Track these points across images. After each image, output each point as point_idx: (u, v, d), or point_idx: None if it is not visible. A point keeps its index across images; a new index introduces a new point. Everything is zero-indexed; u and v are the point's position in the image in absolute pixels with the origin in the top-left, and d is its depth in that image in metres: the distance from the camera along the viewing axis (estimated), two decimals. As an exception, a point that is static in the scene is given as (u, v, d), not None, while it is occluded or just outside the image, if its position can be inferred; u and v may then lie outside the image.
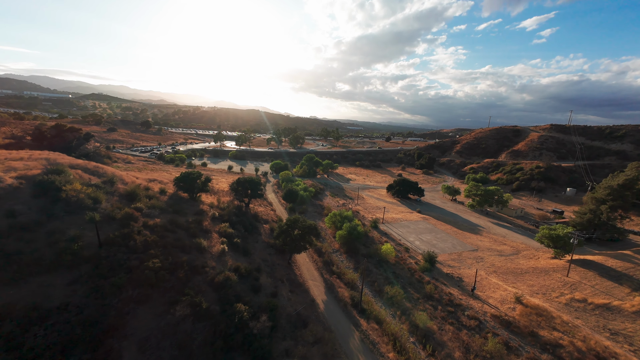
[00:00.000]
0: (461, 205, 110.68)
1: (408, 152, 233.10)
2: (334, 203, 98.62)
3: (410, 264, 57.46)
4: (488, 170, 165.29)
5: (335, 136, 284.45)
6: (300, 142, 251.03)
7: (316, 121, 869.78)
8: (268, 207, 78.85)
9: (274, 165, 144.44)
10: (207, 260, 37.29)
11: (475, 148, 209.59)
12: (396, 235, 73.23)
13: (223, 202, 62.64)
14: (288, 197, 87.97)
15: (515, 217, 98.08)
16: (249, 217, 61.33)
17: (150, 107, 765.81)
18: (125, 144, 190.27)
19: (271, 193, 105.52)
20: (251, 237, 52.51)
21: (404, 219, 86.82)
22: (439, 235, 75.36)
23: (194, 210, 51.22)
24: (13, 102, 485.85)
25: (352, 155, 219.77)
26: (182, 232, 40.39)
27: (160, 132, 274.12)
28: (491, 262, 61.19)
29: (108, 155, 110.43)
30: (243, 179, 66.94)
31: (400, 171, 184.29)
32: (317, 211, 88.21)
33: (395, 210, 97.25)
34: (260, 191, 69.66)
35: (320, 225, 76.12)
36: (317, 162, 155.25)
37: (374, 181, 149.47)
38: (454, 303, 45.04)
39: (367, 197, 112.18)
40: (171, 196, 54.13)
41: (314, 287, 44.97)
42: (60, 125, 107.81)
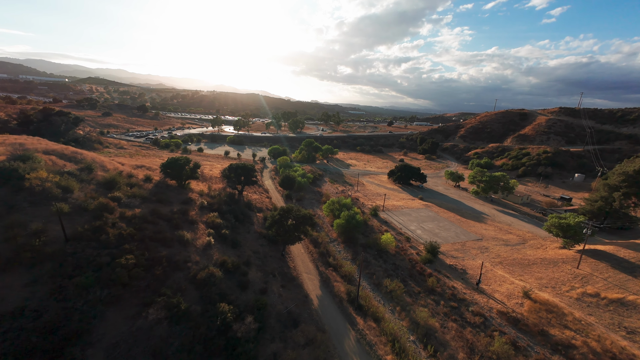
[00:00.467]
0: (465, 192, 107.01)
1: (410, 137, 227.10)
2: (332, 190, 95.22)
3: (411, 255, 54.56)
4: (493, 155, 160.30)
5: (335, 120, 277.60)
6: (300, 127, 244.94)
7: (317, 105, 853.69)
8: (263, 195, 75.59)
9: (272, 150, 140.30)
10: (191, 254, 34.26)
11: (480, 132, 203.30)
12: (397, 223, 70.13)
13: (214, 190, 59.28)
14: (285, 184, 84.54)
15: (521, 204, 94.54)
16: (242, 205, 58.10)
17: (148, 91, 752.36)
18: (120, 128, 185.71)
19: (268, 179, 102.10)
20: (242, 227, 49.44)
21: (405, 206, 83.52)
22: (441, 223, 72.19)
23: (181, 199, 47.90)
24: (8, 86, 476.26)
25: (353, 140, 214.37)
26: (164, 223, 37.20)
27: (157, 116, 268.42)
28: (497, 252, 58.19)
29: (99, 140, 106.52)
30: (235, 165, 63.23)
31: (402, 156, 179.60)
32: (315, 198, 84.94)
33: (397, 197, 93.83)
34: (254, 178, 66.13)
35: (317, 213, 73.07)
36: (317, 148, 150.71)
37: (375, 167, 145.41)
38: (457, 297, 42.31)
39: (368, 184, 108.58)
40: (157, 184, 50.72)
41: (308, 281, 42.23)
42: (47, 109, 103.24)
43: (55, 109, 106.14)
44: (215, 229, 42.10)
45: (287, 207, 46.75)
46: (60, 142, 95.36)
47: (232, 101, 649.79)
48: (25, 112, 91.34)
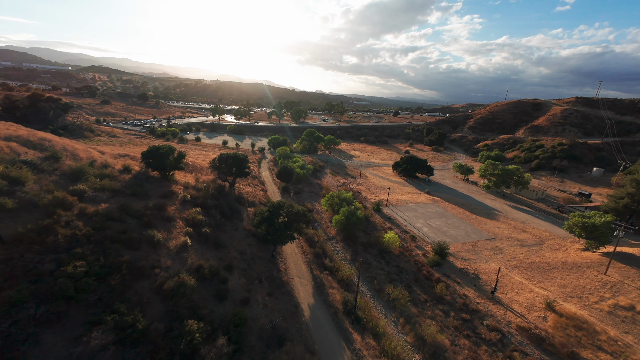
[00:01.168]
0: (474, 186, 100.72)
1: (417, 128, 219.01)
2: (333, 182, 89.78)
3: (417, 256, 49.32)
4: (504, 147, 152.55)
5: (339, 110, 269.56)
6: (302, 117, 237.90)
7: (322, 95, 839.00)
8: (258, 187, 70.51)
9: (271, 140, 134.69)
10: (161, 258, 29.41)
11: (490, 123, 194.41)
12: (401, 220, 64.72)
13: (203, 182, 54.27)
14: (282, 176, 79.28)
15: (535, 200, 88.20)
16: (231, 199, 53.08)
17: (151, 80, 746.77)
18: (118, 117, 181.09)
19: (266, 170, 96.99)
20: (230, 224, 44.52)
21: (410, 201, 77.87)
22: (450, 220, 66.57)
23: (160, 192, 42.98)
24: (11, 74, 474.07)
25: (357, 130, 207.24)
26: (132, 221, 32.31)
27: (157, 105, 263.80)
28: (512, 254, 52.63)
29: (90, 128, 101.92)
30: (226, 154, 57.95)
31: (408, 148, 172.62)
32: (314, 191, 79.67)
33: (401, 190, 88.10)
34: (246, 169, 60.89)
35: (316, 207, 67.98)
36: (319, 138, 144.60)
37: (379, 158, 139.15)
38: (469, 308, 37.14)
39: (371, 176, 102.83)
40: (136, 175, 45.81)
41: (300, 287, 37.36)
42: (36, 94, 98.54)
43: (44, 95, 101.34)
44: (196, 227, 37.18)
45: (278, 203, 41.54)
46: (48, 129, 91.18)
47: (235, 91, 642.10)
48: (11, 98, 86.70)
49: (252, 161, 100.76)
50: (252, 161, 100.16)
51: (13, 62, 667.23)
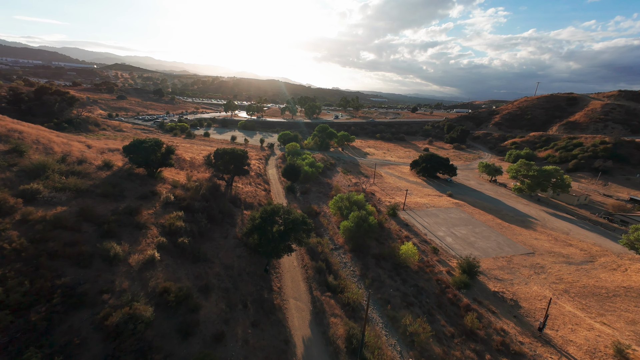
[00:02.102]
0: (503, 188, 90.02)
1: (436, 124, 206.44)
2: (344, 182, 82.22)
3: (440, 274, 41.23)
4: (535, 145, 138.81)
5: (354, 106, 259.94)
6: (316, 112, 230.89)
7: (338, 92, 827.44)
8: (261, 187, 64.20)
9: (282, 136, 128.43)
10: (117, 278, 23.37)
11: (519, 119, 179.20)
12: (420, 227, 56.41)
13: (196, 180, 48.46)
14: (288, 174, 72.66)
15: (576, 206, 76.85)
16: (226, 200, 46.93)
17: (171, 77, 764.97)
18: (132, 112, 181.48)
19: (273, 168, 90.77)
20: (219, 231, 38.29)
21: (431, 204, 69.11)
22: (478, 229, 57.53)
23: (140, 192, 37.32)
24: (40, 72, 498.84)
25: (372, 126, 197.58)
26: (90, 229, 26.57)
27: (172, 100, 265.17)
28: (557, 273, 43.36)
29: (96, 122, 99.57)
30: (222, 150, 51.83)
31: (427, 145, 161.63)
32: (323, 191, 72.49)
33: (420, 192, 79.26)
34: (246, 166, 54.60)
35: (323, 210, 60.90)
36: (331, 134, 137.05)
37: (396, 156, 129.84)
38: (511, 350, 28.94)
39: (386, 176, 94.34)
40: (117, 172, 40.45)
41: (295, 313, 30.50)
42: (43, 88, 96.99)
43: (53, 89, 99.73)
44: (173, 235, 31.12)
45: (272, 208, 34.74)
46: (52, 122, 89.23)
47: (251, 87, 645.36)
48: (16, 91, 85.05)
49: (259, 158, 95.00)
50: (258, 158, 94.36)
51: (44, 61, 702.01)
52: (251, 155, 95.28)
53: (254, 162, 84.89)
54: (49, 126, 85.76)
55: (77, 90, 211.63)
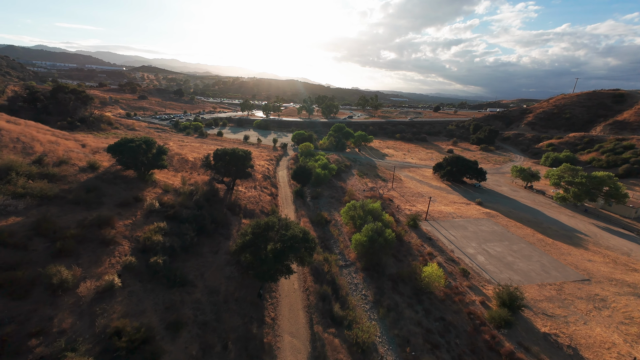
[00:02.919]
0: (541, 196, 79.30)
1: (461, 124, 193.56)
2: (360, 186, 75.37)
3: (471, 305, 33.73)
4: (576, 147, 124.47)
5: (373, 105, 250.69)
6: (333, 112, 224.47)
7: (357, 92, 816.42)
8: (267, 190, 58.87)
9: (296, 135, 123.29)
10: (58, 313, 18.51)
11: (555, 118, 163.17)
12: (446, 241, 48.66)
13: (192, 184, 43.88)
14: (298, 176, 67.01)
15: (635, 220, 65.32)
16: (223, 207, 41.85)
17: (193, 78, 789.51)
18: (151, 111, 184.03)
19: (284, 169, 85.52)
20: (209, 245, 33.11)
21: (458, 214, 60.82)
22: (516, 245, 48.86)
23: (122, 197, 32.93)
24: (73, 74, 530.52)
25: (392, 126, 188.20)
26: (42, 246, 22.05)
27: (192, 100, 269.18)
28: (624, 310, 34.42)
29: (109, 121, 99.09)
30: (222, 150, 46.87)
31: (451, 146, 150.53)
32: (336, 196, 66.14)
33: (445, 199, 70.84)
34: (249, 169, 49.41)
35: (335, 217, 54.63)
36: (348, 134, 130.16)
37: (417, 158, 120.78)
38: None
39: (407, 179, 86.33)
40: (101, 175, 36.44)
41: (289, 356, 24.46)
42: (59, 87, 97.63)
43: (69, 88, 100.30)
44: (146, 253, 26.19)
45: (266, 222, 28.90)
46: (65, 121, 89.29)
47: (271, 87, 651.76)
48: (32, 89, 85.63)
49: (270, 159, 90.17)
50: (269, 159, 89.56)
51: (78, 65, 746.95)
52: (261, 156, 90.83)
53: (263, 163, 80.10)
54: (61, 125, 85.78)
55: (102, 91, 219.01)
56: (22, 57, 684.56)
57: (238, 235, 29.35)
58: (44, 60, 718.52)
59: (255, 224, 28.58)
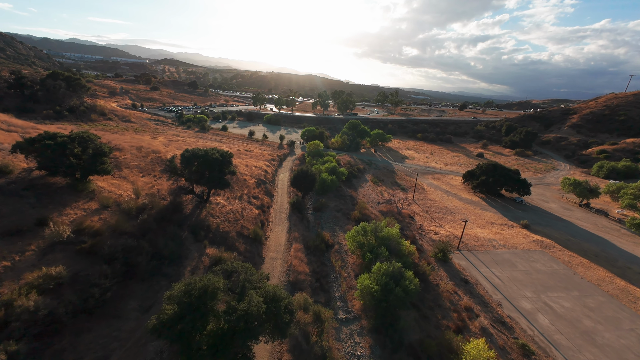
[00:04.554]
0: (604, 219, 63.14)
1: (491, 124, 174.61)
2: (374, 196, 62.59)
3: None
4: (636, 155, 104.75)
5: (393, 101, 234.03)
6: (350, 108, 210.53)
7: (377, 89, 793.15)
8: (256, 202, 47.37)
9: (305, 132, 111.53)
10: None
11: (606, 121, 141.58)
12: (489, 285, 35.36)
13: (150, 194, 33.19)
14: (298, 183, 55.27)
15: None
16: (183, 230, 30.79)
17: (213, 71, 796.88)
18: (159, 102, 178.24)
19: (286, 172, 74.07)
20: (137, 298, 22.04)
21: (500, 241, 46.95)
22: (590, 299, 34.73)
23: (20, 219, 22.55)
24: (99, 66, 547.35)
25: (413, 125, 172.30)
26: None
27: (206, 93, 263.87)
28: None
29: (102, 111, 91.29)
30: (191, 152, 35.70)
31: (481, 149, 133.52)
32: (343, 209, 53.87)
33: (481, 218, 56.79)
34: (228, 175, 38.15)
35: (340, 239, 42.62)
36: (363, 132, 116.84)
37: (442, 162, 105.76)
38: None
39: (430, 189, 72.50)
40: (12, 182, 26.35)
41: None
42: (54, 73, 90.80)
43: (64, 75, 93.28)
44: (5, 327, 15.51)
45: (202, 287, 17.08)
46: (51, 110, 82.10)
47: (288, 82, 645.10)
48: (18, 74, 78.73)
49: (272, 159, 78.95)
50: (271, 159, 78.31)
51: (105, 57, 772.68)
52: (262, 155, 79.79)
53: (262, 164, 68.92)
54: (47, 114, 78.48)
55: (116, 81, 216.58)
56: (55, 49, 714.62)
57: (164, 299, 17.93)
58: (74, 52, 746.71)
59: (185, 289, 16.88)
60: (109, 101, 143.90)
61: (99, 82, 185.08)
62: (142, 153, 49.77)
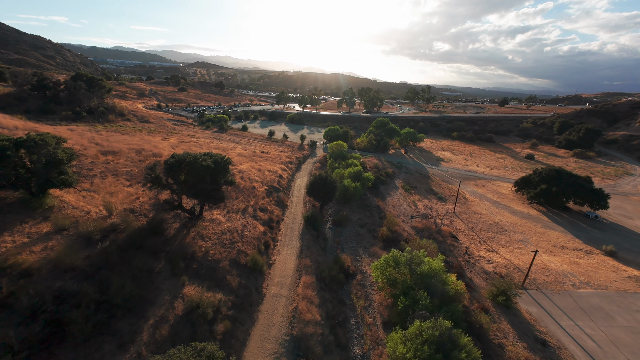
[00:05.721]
0: None
1: (539, 121, 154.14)
2: (405, 207, 52.55)
3: None
4: None
5: (424, 97, 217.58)
6: (377, 105, 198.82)
7: (406, 86, 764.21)
8: (263, 215, 39.71)
9: (328, 132, 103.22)
10: None
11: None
12: (578, 351, 24.52)
13: (129, 210, 26.78)
14: (316, 191, 46.95)
15: None
16: (159, 260, 23.86)
17: (241, 72, 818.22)
18: (184, 103, 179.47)
19: (305, 176, 66.19)
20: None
21: (578, 277, 35.10)
22: None
23: None
24: (137, 70, 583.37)
25: (447, 122, 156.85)
26: None
27: (232, 93, 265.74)
28: None
29: (122, 112, 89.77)
30: (175, 160, 28.69)
31: (529, 150, 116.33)
32: (368, 224, 44.65)
33: (544, 239, 44.60)
34: (221, 187, 30.78)
35: (363, 266, 33.80)
36: (392, 131, 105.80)
37: (484, 165, 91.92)
38: None
39: (474, 198, 60.69)
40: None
41: None
42: (78, 75, 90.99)
43: (88, 76, 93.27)
44: None
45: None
46: (69, 112, 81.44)
47: (314, 81, 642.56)
48: (40, 76, 78.82)
49: (290, 161, 71.48)
50: (289, 161, 70.89)
51: (143, 62, 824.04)
52: (279, 158, 72.56)
53: (277, 167, 61.58)
54: (65, 115, 77.62)
55: (147, 83, 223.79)
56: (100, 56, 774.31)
57: None
58: (117, 59, 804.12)
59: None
60: (137, 102, 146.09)
61: (131, 85, 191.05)
62: (141, 157, 44.38)
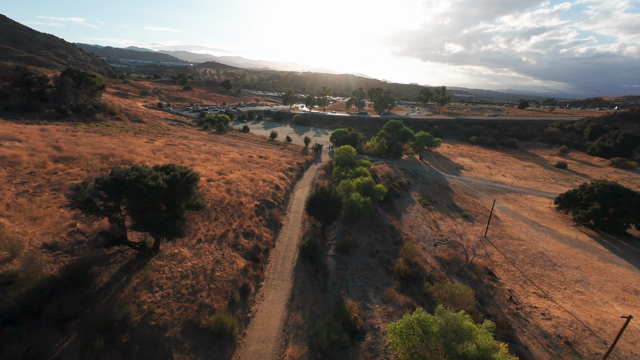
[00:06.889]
0: None
1: (567, 125, 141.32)
2: (425, 228, 43.21)
3: None
4: None
5: (439, 99, 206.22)
6: (388, 106, 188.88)
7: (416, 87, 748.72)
8: (247, 244, 31.23)
9: (335, 134, 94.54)
10: None
11: None
12: None
13: (41, 250, 18.65)
14: (315, 208, 38.29)
15: None
16: (64, 334, 15.69)
17: (251, 73, 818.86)
18: (187, 102, 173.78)
19: (306, 187, 57.58)
20: None
21: (676, 343, 25.23)
22: None
23: None
24: (148, 70, 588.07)
25: (464, 126, 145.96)
26: None
27: (239, 93, 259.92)
28: None
29: (112, 110, 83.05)
30: (117, 174, 20.51)
31: (559, 157, 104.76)
32: (380, 252, 35.62)
33: (607, 278, 34.62)
34: (182, 213, 22.35)
35: (374, 319, 24.87)
36: (405, 134, 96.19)
37: (510, 175, 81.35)
38: None
39: (506, 218, 50.76)
40: None
41: None
42: (69, 70, 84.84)
43: (80, 72, 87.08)
44: None
45: None
46: (55, 109, 75.15)
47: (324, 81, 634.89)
48: (22, 71, 72.72)
49: (290, 168, 62.99)
50: (289, 168, 62.41)
51: (155, 62, 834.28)
52: (279, 164, 64.16)
53: (274, 177, 53.12)
54: (49, 113, 71.31)
55: (152, 82, 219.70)
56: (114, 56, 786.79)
57: None
58: (130, 59, 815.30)
59: None
60: (138, 100, 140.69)
61: (135, 83, 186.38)
62: (105, 164, 36.60)
